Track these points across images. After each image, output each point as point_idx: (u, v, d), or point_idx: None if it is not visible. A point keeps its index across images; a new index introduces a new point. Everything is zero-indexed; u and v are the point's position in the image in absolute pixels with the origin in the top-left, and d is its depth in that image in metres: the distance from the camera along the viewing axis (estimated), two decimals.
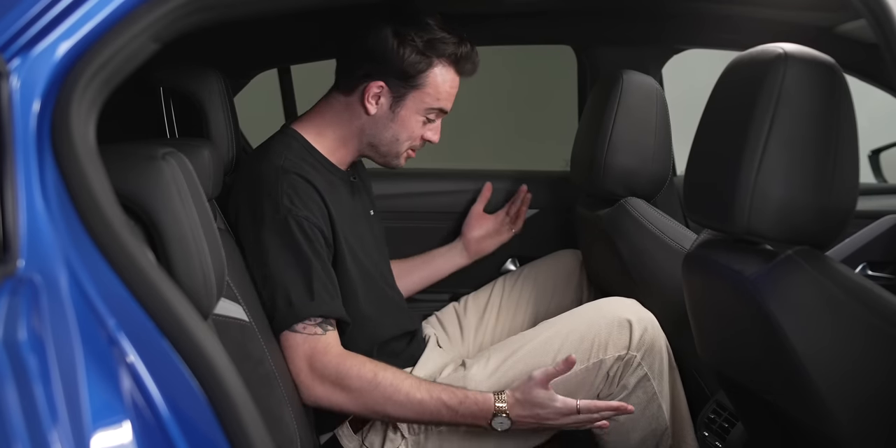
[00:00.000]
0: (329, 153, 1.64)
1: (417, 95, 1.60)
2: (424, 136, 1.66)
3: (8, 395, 0.71)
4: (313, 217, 1.52)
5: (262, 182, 1.53)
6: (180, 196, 1.01)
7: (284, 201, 1.50)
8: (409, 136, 1.64)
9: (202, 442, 0.86)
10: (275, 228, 1.49)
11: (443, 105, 1.63)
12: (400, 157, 1.67)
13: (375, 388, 1.47)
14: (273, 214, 1.50)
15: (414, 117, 1.62)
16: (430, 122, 1.65)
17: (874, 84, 1.88)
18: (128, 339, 0.84)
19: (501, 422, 1.47)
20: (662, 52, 2.20)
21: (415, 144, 1.67)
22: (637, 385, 1.57)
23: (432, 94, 1.60)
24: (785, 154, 1.01)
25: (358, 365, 1.48)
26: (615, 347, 1.55)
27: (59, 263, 0.84)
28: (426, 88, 1.60)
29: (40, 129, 0.86)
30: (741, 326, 1.15)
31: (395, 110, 1.61)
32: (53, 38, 0.88)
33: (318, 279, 1.49)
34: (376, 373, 1.48)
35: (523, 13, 2.04)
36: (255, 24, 1.70)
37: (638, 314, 1.57)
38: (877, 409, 1.00)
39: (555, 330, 1.60)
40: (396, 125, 1.62)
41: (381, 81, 1.58)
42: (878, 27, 0.98)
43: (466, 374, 1.57)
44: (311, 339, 1.48)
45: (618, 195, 1.81)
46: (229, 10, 1.07)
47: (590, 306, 1.65)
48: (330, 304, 1.50)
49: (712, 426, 1.58)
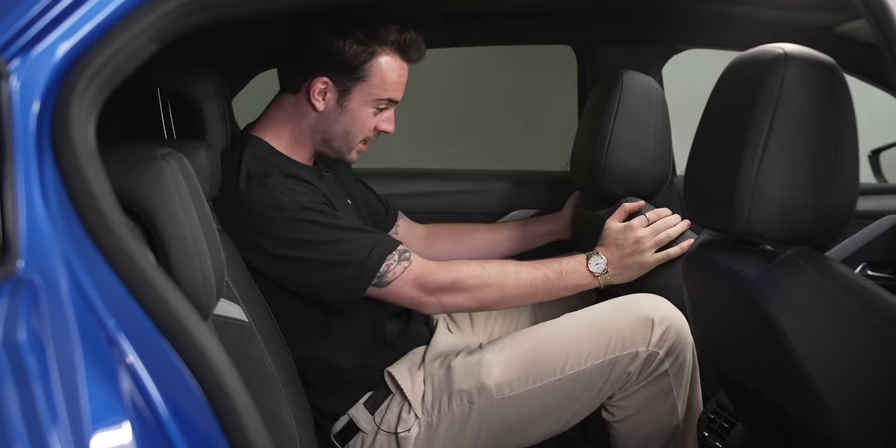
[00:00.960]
0: (290, 153, 1.64)
1: (364, 87, 1.59)
2: (378, 127, 1.65)
3: (8, 396, 0.71)
4: (315, 197, 1.54)
5: (251, 195, 1.51)
6: (180, 196, 1.01)
7: (282, 198, 1.50)
8: (361, 129, 1.63)
9: (202, 442, 0.86)
10: (293, 224, 1.49)
11: (391, 95, 1.62)
12: (352, 151, 1.66)
13: (487, 280, 1.56)
14: (281, 214, 1.49)
15: (363, 110, 1.61)
16: (380, 113, 1.63)
17: (874, 84, 1.88)
18: (127, 339, 0.84)
19: (597, 262, 1.62)
20: (662, 52, 2.20)
21: (368, 136, 1.66)
22: (655, 381, 1.56)
23: (379, 84, 1.59)
24: (785, 154, 1.01)
25: (463, 267, 1.56)
26: (633, 343, 1.53)
27: (59, 264, 0.84)
28: (372, 79, 1.58)
29: (40, 129, 0.86)
30: (741, 326, 1.15)
31: (343, 104, 1.60)
32: (53, 39, 0.88)
33: (359, 232, 1.53)
34: (484, 267, 1.57)
35: (524, 13, 2.04)
36: (255, 24, 1.69)
37: (662, 311, 1.56)
38: (876, 409, 0.99)
39: (575, 322, 1.60)
40: (346, 119, 1.61)
41: (325, 77, 1.58)
42: (878, 27, 0.98)
43: (481, 358, 1.57)
44: (407, 273, 1.52)
45: (618, 195, 1.81)
46: (229, 10, 1.07)
47: (613, 302, 1.64)
48: (384, 238, 1.55)
49: (712, 426, 1.58)
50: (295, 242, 1.50)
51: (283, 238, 1.50)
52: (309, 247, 1.50)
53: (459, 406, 1.55)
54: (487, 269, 1.57)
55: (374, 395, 1.61)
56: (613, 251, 1.64)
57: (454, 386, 1.55)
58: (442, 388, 1.57)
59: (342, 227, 1.53)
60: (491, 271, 1.57)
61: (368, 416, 1.58)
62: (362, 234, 1.54)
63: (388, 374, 1.61)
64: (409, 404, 1.56)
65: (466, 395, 1.55)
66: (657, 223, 1.68)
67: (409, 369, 1.62)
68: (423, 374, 1.60)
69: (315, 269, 1.51)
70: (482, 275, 1.56)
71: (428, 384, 1.58)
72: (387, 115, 1.65)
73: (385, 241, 1.55)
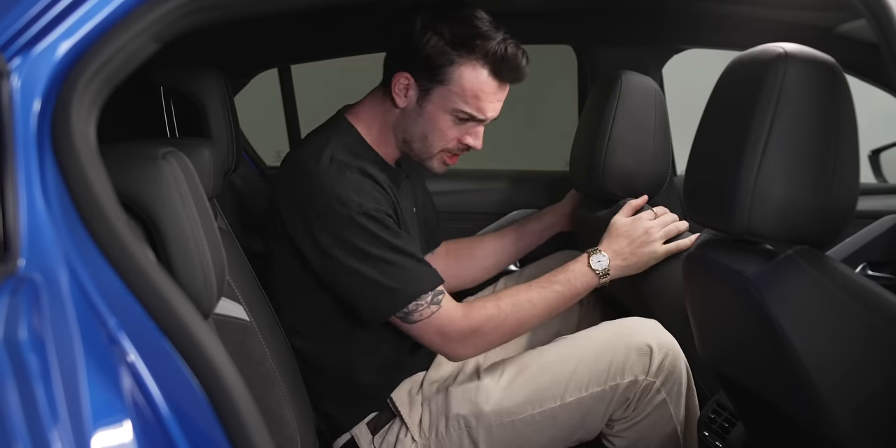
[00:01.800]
0: (377, 146, 1.61)
1: (443, 92, 1.54)
2: (462, 140, 1.59)
3: (8, 395, 0.71)
4: (381, 206, 1.49)
5: (321, 177, 1.48)
6: (181, 196, 1.01)
7: (353, 196, 1.46)
8: (441, 137, 1.58)
9: (202, 441, 0.86)
10: (353, 226, 1.46)
11: (471, 110, 1.55)
12: (433, 159, 1.61)
13: (505, 319, 1.53)
14: (345, 212, 1.46)
15: (441, 115, 1.55)
16: (462, 124, 1.57)
17: (874, 84, 1.88)
18: (128, 338, 0.84)
19: (599, 259, 1.59)
20: (662, 52, 2.20)
21: (449, 147, 1.60)
22: (654, 410, 1.55)
23: (458, 93, 1.53)
24: (785, 154, 1.01)
25: (481, 312, 1.52)
26: (632, 372, 1.52)
27: (60, 263, 0.84)
28: (451, 86, 1.53)
29: (41, 128, 0.86)
30: (741, 326, 1.15)
31: (422, 105, 1.56)
32: (54, 38, 0.88)
33: (408, 258, 1.48)
34: (499, 304, 1.53)
35: (524, 12, 2.04)
36: (255, 24, 1.70)
37: (659, 339, 1.54)
38: (877, 408, 1.00)
39: (571, 348, 1.58)
40: (424, 121, 1.56)
41: (407, 72, 1.54)
42: (878, 27, 0.98)
43: (479, 384, 1.56)
44: (433, 319, 1.49)
45: (617, 196, 1.81)
46: (230, 10, 1.07)
47: (610, 326, 1.62)
48: (428, 274, 1.51)
49: (712, 426, 1.58)
50: (344, 242, 1.47)
51: (336, 234, 1.47)
52: (355, 253, 1.47)
53: (457, 431, 1.54)
54: (503, 308, 1.53)
55: (377, 417, 1.61)
56: (622, 242, 1.62)
57: (451, 411, 1.55)
58: (439, 412, 1.56)
59: (394, 246, 1.48)
60: (506, 309, 1.53)
61: (369, 437, 1.58)
62: (411, 261, 1.49)
63: (390, 398, 1.61)
64: (407, 427, 1.56)
65: (463, 420, 1.54)
66: (664, 216, 1.68)
67: (409, 392, 1.61)
68: (421, 397, 1.59)
69: (352, 274, 1.48)
70: (499, 316, 1.52)
71: (425, 408, 1.57)
72: (474, 129, 1.59)
73: (426, 278, 1.50)
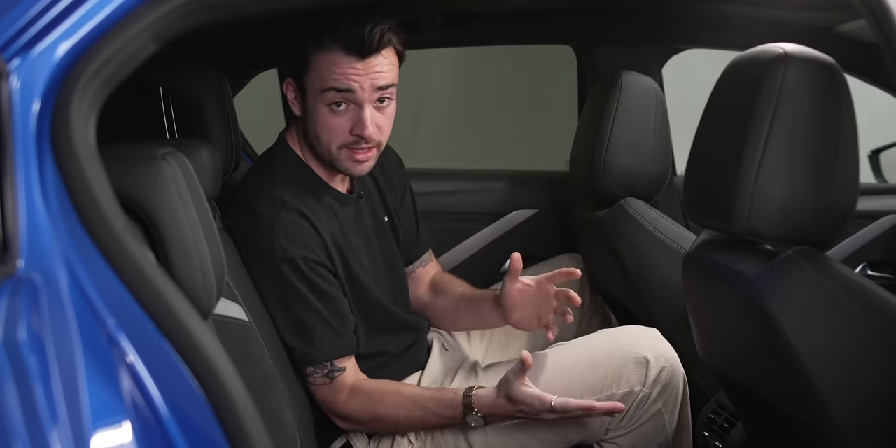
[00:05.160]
0: (313, 165, 1.57)
1: (309, 81, 1.48)
2: (352, 131, 1.49)
3: (8, 395, 0.71)
4: (313, 254, 1.48)
5: (258, 218, 1.49)
6: (180, 196, 1.01)
7: (280, 241, 1.46)
8: (327, 130, 1.50)
9: (202, 442, 0.86)
10: (274, 271, 1.47)
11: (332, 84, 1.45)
12: (341, 160, 1.52)
13: (379, 422, 1.52)
14: (271, 256, 1.47)
15: (320, 108, 1.49)
16: (340, 110, 1.48)
17: (874, 84, 1.88)
18: (128, 338, 0.84)
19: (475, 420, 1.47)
20: (662, 52, 2.20)
21: (344, 141, 1.50)
22: (649, 420, 1.54)
23: (317, 75, 1.47)
24: (785, 154, 1.01)
25: (361, 407, 1.51)
26: (628, 382, 1.51)
27: (59, 263, 0.84)
28: (312, 72, 1.47)
29: (40, 129, 0.86)
30: (741, 326, 1.15)
31: (306, 104, 1.52)
32: (53, 38, 0.88)
33: (319, 322, 1.48)
34: (377, 410, 1.51)
35: (524, 13, 2.04)
36: (255, 24, 1.69)
37: (657, 350, 1.52)
38: (877, 408, 1.00)
39: (567, 356, 1.56)
40: (312, 121, 1.51)
41: (290, 78, 1.53)
42: (878, 27, 0.98)
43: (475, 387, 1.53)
44: (322, 389, 1.51)
45: (617, 196, 1.81)
46: (230, 10, 1.07)
47: (608, 335, 1.59)
48: (332, 345, 1.50)
49: (712, 426, 1.58)
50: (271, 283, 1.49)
51: (264, 273, 1.49)
52: (275, 295, 1.49)
53: (453, 436, 1.53)
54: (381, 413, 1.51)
55: None
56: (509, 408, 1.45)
57: None
58: None
59: (310, 305, 1.48)
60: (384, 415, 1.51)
61: (366, 440, 1.58)
62: (321, 324, 1.48)
63: None
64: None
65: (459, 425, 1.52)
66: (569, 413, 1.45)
67: None
68: None
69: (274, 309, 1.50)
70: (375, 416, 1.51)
71: None
72: (356, 116, 1.48)
73: (330, 347, 1.50)
